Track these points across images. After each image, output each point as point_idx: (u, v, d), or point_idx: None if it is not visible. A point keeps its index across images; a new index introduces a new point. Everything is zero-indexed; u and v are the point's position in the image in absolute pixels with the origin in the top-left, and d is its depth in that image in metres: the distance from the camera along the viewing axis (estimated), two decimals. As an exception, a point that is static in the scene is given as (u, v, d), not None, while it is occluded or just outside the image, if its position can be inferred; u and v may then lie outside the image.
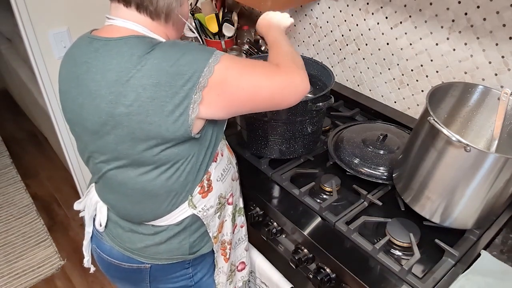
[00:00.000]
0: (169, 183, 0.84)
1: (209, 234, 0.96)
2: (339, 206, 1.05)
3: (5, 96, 3.32)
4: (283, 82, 0.79)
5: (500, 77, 1.10)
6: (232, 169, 1.00)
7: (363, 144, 1.17)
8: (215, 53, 0.75)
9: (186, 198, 0.88)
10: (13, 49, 2.79)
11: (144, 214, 0.89)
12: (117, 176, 0.85)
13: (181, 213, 0.89)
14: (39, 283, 1.96)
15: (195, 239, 0.94)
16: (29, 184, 2.54)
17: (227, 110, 0.79)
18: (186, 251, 0.94)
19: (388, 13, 1.29)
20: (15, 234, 2.19)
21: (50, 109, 1.70)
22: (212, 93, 0.75)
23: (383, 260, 0.89)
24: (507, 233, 0.99)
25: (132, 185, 0.85)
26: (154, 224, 0.91)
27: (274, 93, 0.79)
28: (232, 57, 0.78)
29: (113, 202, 0.92)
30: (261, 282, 1.23)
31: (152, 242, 0.91)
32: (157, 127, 0.75)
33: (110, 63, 0.75)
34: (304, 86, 0.82)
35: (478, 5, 1.07)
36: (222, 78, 0.75)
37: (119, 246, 0.94)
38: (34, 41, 1.52)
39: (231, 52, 1.70)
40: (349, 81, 1.55)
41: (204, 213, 0.91)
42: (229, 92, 0.76)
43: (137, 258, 0.93)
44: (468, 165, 0.81)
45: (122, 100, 0.73)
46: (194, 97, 0.73)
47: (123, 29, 0.78)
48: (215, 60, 0.74)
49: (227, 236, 1.04)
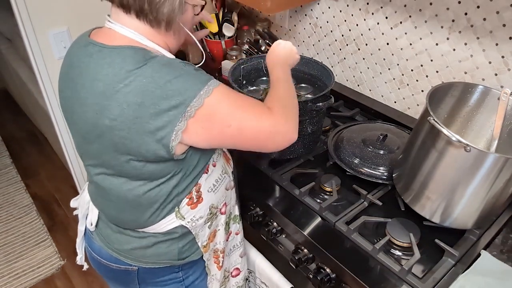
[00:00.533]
0: (152, 194, 0.82)
1: (198, 243, 0.94)
2: (339, 206, 1.05)
3: (5, 96, 3.32)
4: (270, 128, 0.77)
5: (500, 77, 1.10)
6: (226, 179, 0.96)
7: (363, 144, 1.17)
8: (209, 84, 0.73)
9: (173, 210, 0.86)
10: (13, 49, 2.79)
11: (128, 222, 0.88)
12: (103, 181, 0.85)
13: (168, 224, 0.87)
14: (39, 283, 1.96)
15: (183, 245, 0.92)
16: (29, 184, 2.54)
17: (209, 142, 0.78)
18: (174, 257, 0.92)
19: (388, 13, 1.29)
20: (15, 234, 2.19)
21: (50, 109, 1.70)
22: (198, 125, 0.73)
23: (383, 260, 0.89)
24: (507, 233, 0.99)
25: (117, 192, 0.84)
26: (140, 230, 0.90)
27: (259, 137, 0.78)
28: (225, 91, 0.75)
29: (101, 206, 0.92)
30: (261, 282, 1.23)
31: (139, 245, 0.90)
32: (138, 146, 0.74)
33: (99, 73, 0.73)
34: (290, 137, 0.80)
35: (478, 5, 1.06)
36: (210, 112, 0.73)
37: (107, 247, 0.94)
38: (34, 41, 1.52)
39: (231, 52, 1.70)
40: (349, 81, 1.55)
41: (193, 224, 0.89)
42: (215, 127, 0.74)
43: (124, 260, 0.92)
44: (468, 165, 0.81)
45: (106, 113, 0.73)
46: (178, 125, 0.71)
47: (120, 36, 0.77)
48: (207, 93, 0.72)
49: (220, 244, 1.02)
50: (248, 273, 1.27)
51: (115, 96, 0.71)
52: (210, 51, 1.19)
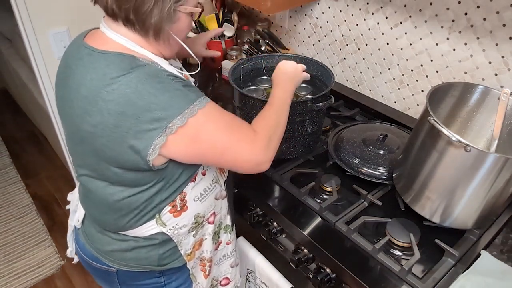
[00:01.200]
0: (132, 200, 0.81)
1: (180, 251, 0.91)
2: (339, 206, 1.05)
3: (5, 96, 3.32)
4: (248, 156, 0.78)
5: (500, 77, 1.10)
6: (216, 189, 0.93)
7: (363, 144, 1.17)
8: (195, 104, 0.71)
9: (154, 217, 0.84)
10: (13, 49, 2.79)
11: (109, 224, 0.88)
12: (87, 183, 0.85)
13: (149, 229, 0.86)
14: (39, 283, 1.96)
15: (164, 252, 0.89)
16: (29, 184, 2.54)
17: (188, 159, 0.77)
18: (154, 262, 0.90)
19: (388, 13, 1.29)
20: (15, 234, 2.19)
21: (50, 109, 1.70)
22: (178, 141, 0.72)
23: (383, 260, 0.89)
24: (507, 233, 0.99)
25: (99, 195, 0.84)
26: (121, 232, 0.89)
27: (236, 162, 0.79)
28: (210, 113, 0.74)
29: (85, 205, 0.92)
30: (261, 282, 1.23)
31: (119, 247, 0.89)
32: (117, 154, 0.73)
33: (85, 77, 0.73)
34: (262, 168, 0.82)
35: (478, 5, 1.06)
36: (193, 132, 0.72)
37: (90, 246, 0.93)
38: (34, 41, 1.52)
39: (231, 52, 1.70)
40: (349, 81, 1.55)
41: (175, 232, 0.87)
42: (195, 147, 0.74)
43: (104, 260, 0.91)
44: (468, 165, 0.81)
45: (88, 118, 0.72)
46: (157, 139, 0.70)
47: (111, 41, 0.75)
48: (191, 112, 0.70)
49: (207, 253, 0.99)
50: (248, 273, 1.27)
51: (97, 103, 0.70)
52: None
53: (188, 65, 1.73)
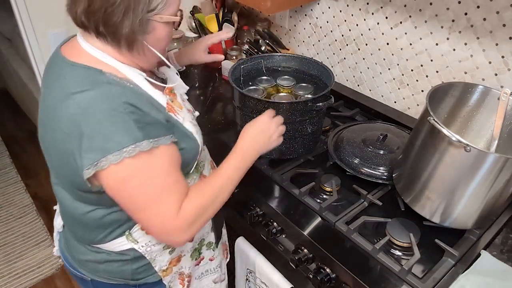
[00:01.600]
0: (97, 217, 0.78)
1: (154, 268, 0.87)
2: (339, 206, 1.05)
3: (5, 96, 3.32)
4: (160, 229, 0.72)
5: (500, 77, 1.10)
6: None
7: (363, 144, 1.17)
8: (137, 144, 0.65)
9: (123, 233, 0.81)
10: (13, 49, 2.79)
11: (80, 237, 0.86)
12: (57, 191, 0.84)
13: (119, 245, 0.83)
14: (39, 283, 1.96)
15: (138, 267, 0.86)
16: (29, 184, 2.54)
17: (112, 197, 0.72)
18: (128, 276, 0.86)
19: (388, 13, 1.29)
20: (15, 234, 2.19)
21: (50, 109, 1.70)
22: (104, 179, 0.68)
23: (383, 260, 0.89)
24: (507, 233, 0.99)
25: (67, 206, 0.82)
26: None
27: (148, 228, 0.74)
28: (150, 161, 0.68)
29: (61, 214, 0.91)
30: (261, 282, 1.23)
31: (93, 258, 0.86)
32: (69, 176, 0.72)
33: (51, 87, 0.71)
34: (175, 245, 0.81)
35: (478, 5, 1.06)
36: (123, 175, 0.67)
37: (67, 252, 0.92)
38: (34, 41, 1.52)
39: (231, 52, 1.70)
40: (349, 81, 1.55)
41: (147, 249, 0.84)
42: (120, 191, 0.69)
43: (80, 268, 0.89)
44: (468, 165, 0.81)
45: (47, 129, 0.72)
46: (85, 171, 0.66)
47: (85, 53, 0.72)
48: (130, 152, 0.65)
49: (186, 269, 0.95)
50: (248, 273, 1.27)
51: (54, 119, 0.69)
52: (210, 51, 1.19)
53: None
